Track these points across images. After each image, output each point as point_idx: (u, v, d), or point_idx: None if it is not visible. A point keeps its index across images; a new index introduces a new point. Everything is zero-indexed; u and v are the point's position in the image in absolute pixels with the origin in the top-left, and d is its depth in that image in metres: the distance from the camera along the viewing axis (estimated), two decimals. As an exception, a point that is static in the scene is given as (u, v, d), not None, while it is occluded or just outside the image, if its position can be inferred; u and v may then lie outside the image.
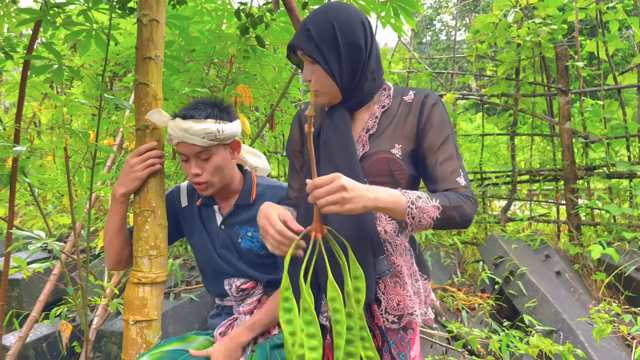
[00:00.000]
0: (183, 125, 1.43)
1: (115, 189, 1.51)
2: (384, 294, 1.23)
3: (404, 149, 1.25)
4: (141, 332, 1.53)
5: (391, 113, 1.30)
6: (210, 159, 1.49)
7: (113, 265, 1.62)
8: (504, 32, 4.92)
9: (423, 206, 1.12)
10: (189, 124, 1.43)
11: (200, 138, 1.44)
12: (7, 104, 7.27)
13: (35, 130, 3.52)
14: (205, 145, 1.46)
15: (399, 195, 1.11)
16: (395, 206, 1.11)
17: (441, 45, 18.63)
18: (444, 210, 1.15)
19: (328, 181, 1.05)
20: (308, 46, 1.22)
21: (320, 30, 1.22)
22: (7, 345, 2.44)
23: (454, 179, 1.22)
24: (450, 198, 1.17)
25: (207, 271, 1.70)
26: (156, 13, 1.57)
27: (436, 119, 1.25)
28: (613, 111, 4.43)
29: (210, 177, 1.50)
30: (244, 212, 1.61)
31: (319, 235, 1.11)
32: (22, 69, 2.01)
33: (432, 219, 1.14)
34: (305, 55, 1.24)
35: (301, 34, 1.24)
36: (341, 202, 1.04)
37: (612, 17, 4.58)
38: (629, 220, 4.25)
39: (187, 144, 1.46)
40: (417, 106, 1.28)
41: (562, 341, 2.58)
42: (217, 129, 1.45)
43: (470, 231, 5.38)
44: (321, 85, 1.26)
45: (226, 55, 2.59)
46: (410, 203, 1.11)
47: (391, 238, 1.26)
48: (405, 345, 1.25)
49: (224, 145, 1.51)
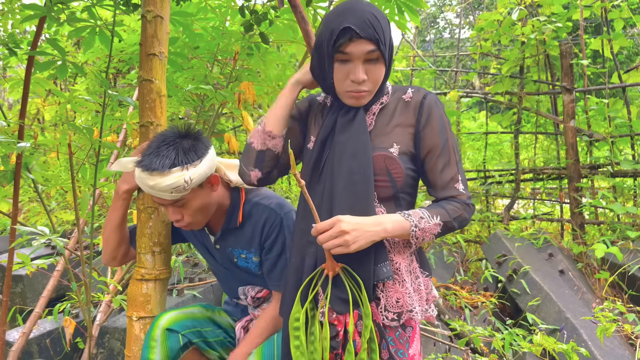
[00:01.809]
0: (149, 183, 1.34)
1: (119, 186, 1.51)
2: (382, 291, 1.23)
3: (402, 149, 1.24)
4: (144, 328, 1.53)
5: (389, 111, 1.28)
6: (187, 204, 1.41)
7: (108, 260, 1.62)
8: (508, 30, 4.90)
9: (426, 227, 1.19)
10: (154, 180, 1.33)
11: (168, 193, 1.35)
12: (11, 101, 7.29)
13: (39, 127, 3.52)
14: (177, 198, 1.38)
15: (402, 221, 1.17)
16: (400, 232, 1.17)
17: (445, 43, 18.58)
18: (445, 225, 1.21)
19: (329, 226, 1.11)
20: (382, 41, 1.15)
21: (382, 20, 1.16)
22: (10, 341, 2.45)
23: (453, 186, 1.25)
24: (449, 211, 1.22)
25: (218, 275, 1.70)
26: (160, 9, 1.57)
27: (435, 122, 1.24)
28: (618, 109, 4.40)
29: (191, 219, 1.44)
30: (232, 236, 1.56)
31: (331, 273, 1.18)
32: (26, 65, 2.01)
33: (434, 234, 1.21)
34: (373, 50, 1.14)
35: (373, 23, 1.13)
36: (345, 244, 1.11)
37: (617, 15, 4.56)
38: (633, 219, 4.24)
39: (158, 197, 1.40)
40: (416, 106, 1.26)
41: (566, 340, 2.57)
42: (185, 180, 1.34)
43: (474, 229, 5.37)
44: (376, 84, 1.21)
45: (230, 52, 2.59)
46: (414, 226, 1.18)
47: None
48: (404, 342, 1.24)
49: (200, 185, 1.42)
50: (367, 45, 1.13)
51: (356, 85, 1.18)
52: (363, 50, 1.14)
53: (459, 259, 4.60)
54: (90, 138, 1.93)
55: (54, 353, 2.63)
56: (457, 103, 5.95)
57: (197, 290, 3.03)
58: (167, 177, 1.32)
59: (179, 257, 3.64)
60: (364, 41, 1.13)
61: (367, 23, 1.12)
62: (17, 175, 1.98)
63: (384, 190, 1.23)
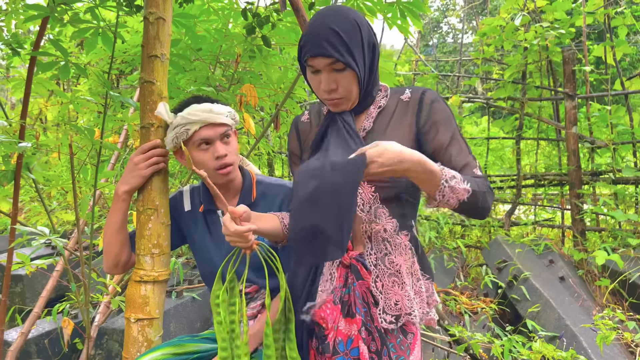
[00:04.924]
0: (206, 107, 1.44)
1: (118, 187, 1.51)
2: (382, 293, 1.22)
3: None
4: (142, 330, 1.52)
5: (388, 113, 1.28)
6: (230, 140, 1.52)
7: (111, 268, 1.58)
8: (511, 36, 4.90)
9: (456, 187, 1.12)
10: (209, 105, 1.45)
11: (224, 116, 1.47)
12: (14, 100, 7.31)
13: (42, 127, 3.53)
14: (230, 123, 1.49)
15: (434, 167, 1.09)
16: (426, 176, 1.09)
17: (448, 47, 18.60)
18: (473, 195, 1.14)
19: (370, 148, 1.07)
20: (341, 53, 1.14)
21: (348, 32, 1.15)
22: (9, 340, 2.45)
23: (471, 171, 1.21)
24: (477, 183, 1.16)
25: (208, 275, 1.69)
26: (163, 11, 1.57)
27: (439, 117, 1.23)
28: (620, 116, 4.40)
29: (234, 157, 1.52)
30: None
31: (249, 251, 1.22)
32: (28, 65, 2.01)
33: (459, 201, 1.14)
34: (336, 62, 1.15)
35: (329, 38, 1.14)
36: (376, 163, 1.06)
37: (621, 22, 4.56)
38: (634, 226, 4.23)
39: (213, 126, 1.46)
40: (415, 104, 1.25)
41: (565, 347, 2.56)
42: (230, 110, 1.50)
43: (474, 235, 5.36)
44: (348, 91, 1.21)
45: (232, 54, 2.59)
46: (445, 181, 1.11)
47: (390, 237, 1.24)
48: (405, 349, 1.23)
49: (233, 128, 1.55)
50: (327, 60, 1.16)
51: (328, 94, 1.21)
52: (325, 63, 1.16)
53: (459, 264, 4.59)
54: (91, 139, 1.93)
55: (52, 353, 2.63)
56: (459, 108, 5.95)
57: (196, 292, 3.03)
58: (218, 105, 1.48)
59: (178, 258, 3.64)
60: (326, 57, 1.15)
61: (325, 41, 1.14)
62: (17, 175, 1.98)
63: (387, 190, 1.22)
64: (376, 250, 1.25)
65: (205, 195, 1.62)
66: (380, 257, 1.24)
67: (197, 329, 2.89)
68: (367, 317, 1.23)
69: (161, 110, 1.46)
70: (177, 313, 2.80)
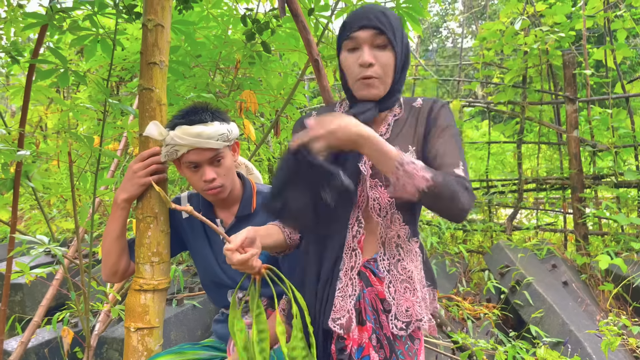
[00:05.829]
0: (194, 131, 1.39)
1: (117, 195, 1.49)
2: (394, 299, 1.22)
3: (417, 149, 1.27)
4: (142, 339, 1.51)
5: (401, 121, 1.32)
6: (222, 161, 1.48)
7: (109, 276, 1.57)
8: (511, 40, 4.90)
9: (413, 173, 1.08)
10: (199, 128, 1.40)
11: (214, 140, 1.42)
12: (14, 108, 7.32)
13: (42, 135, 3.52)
14: (220, 147, 1.44)
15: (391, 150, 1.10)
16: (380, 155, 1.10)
17: (447, 52, 18.63)
18: (435, 186, 1.09)
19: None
20: (387, 28, 1.20)
21: (394, 17, 1.24)
22: (8, 350, 2.43)
23: (452, 170, 1.17)
24: (444, 177, 1.11)
25: (208, 284, 1.67)
26: (161, 18, 1.57)
27: (442, 119, 1.27)
28: (621, 120, 4.39)
29: (224, 180, 1.49)
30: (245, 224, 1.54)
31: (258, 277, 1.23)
32: (27, 73, 2.01)
33: (417, 189, 1.09)
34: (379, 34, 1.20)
35: (376, 15, 1.21)
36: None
37: (620, 25, 4.56)
38: (637, 230, 4.21)
39: (200, 150, 1.43)
40: (426, 110, 1.30)
41: (570, 354, 2.54)
42: (227, 130, 1.45)
43: (476, 240, 5.34)
44: (384, 70, 1.23)
45: (232, 60, 2.59)
46: (399, 164, 1.08)
47: (404, 243, 1.26)
48: (413, 355, 1.25)
49: (228, 146, 1.50)
50: (371, 32, 1.20)
51: (364, 70, 1.21)
52: (368, 34, 1.20)
53: (461, 270, 4.56)
54: (91, 146, 1.92)
55: (52, 363, 2.61)
56: (460, 112, 5.94)
57: (197, 300, 3.01)
58: (211, 126, 1.42)
59: (179, 266, 3.62)
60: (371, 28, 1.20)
61: (373, 15, 1.20)
62: (16, 183, 1.97)
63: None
64: (389, 256, 1.26)
65: (204, 204, 1.60)
66: (394, 263, 1.25)
67: (198, 337, 2.87)
68: (376, 324, 1.23)
69: (151, 131, 1.44)
70: (178, 321, 2.78)
